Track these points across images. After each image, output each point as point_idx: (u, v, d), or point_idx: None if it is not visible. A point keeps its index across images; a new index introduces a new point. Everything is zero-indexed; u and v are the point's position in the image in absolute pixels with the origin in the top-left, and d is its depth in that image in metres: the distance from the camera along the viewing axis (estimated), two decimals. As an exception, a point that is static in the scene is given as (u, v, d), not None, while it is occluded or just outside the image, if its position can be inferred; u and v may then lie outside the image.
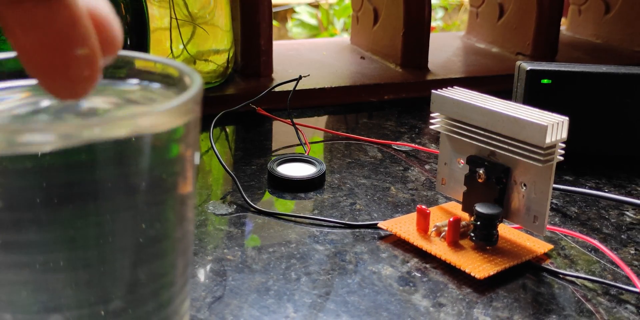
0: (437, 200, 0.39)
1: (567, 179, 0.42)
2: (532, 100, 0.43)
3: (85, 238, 0.18)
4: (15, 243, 0.18)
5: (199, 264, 0.31)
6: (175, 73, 0.21)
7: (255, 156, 0.45)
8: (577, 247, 0.34)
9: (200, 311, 0.28)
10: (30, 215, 0.17)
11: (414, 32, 0.62)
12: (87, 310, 0.19)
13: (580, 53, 0.72)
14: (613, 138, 0.44)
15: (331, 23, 1.63)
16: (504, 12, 0.70)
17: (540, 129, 0.29)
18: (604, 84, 0.43)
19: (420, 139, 0.49)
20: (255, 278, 0.30)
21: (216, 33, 0.54)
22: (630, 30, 0.74)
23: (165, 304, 0.21)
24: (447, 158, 0.35)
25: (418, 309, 0.28)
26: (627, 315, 0.28)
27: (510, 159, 0.31)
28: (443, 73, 0.63)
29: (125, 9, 0.39)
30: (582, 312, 0.28)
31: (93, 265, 0.19)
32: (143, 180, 0.19)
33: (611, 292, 0.30)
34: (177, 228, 0.20)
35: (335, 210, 0.37)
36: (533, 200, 0.31)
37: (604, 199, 0.39)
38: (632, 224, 0.37)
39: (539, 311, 0.28)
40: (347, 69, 0.63)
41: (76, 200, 0.18)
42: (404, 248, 0.33)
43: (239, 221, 0.36)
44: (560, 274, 0.31)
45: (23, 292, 0.19)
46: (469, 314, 0.28)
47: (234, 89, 0.56)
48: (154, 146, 0.18)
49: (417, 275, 0.31)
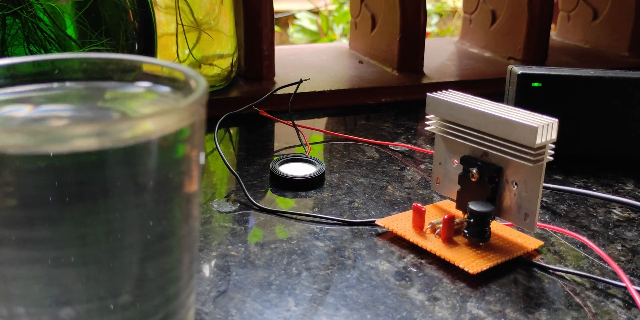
0: (432, 199, 0.39)
1: (557, 178, 0.42)
2: (523, 103, 0.43)
3: (95, 235, 0.18)
4: (29, 240, 0.18)
5: (204, 260, 0.31)
6: (182, 77, 0.21)
7: (257, 156, 0.45)
8: (566, 243, 0.34)
9: (205, 305, 0.28)
10: (43, 213, 0.17)
11: (410, 38, 0.62)
12: (96, 304, 0.19)
13: (569, 58, 0.72)
14: (601, 139, 0.44)
15: (330, 29, 1.63)
16: (496, 19, 0.70)
17: (530, 130, 0.29)
18: (592, 87, 0.43)
19: (416, 139, 0.49)
20: (258, 273, 0.30)
21: (220, 38, 0.54)
22: (617, 35, 0.74)
23: (171, 297, 0.21)
24: (442, 158, 0.35)
25: (414, 302, 0.28)
26: (614, 308, 0.28)
27: (502, 159, 0.31)
28: (438, 77, 0.63)
29: (134, 16, 0.39)
30: (571, 306, 0.28)
31: (103, 260, 0.19)
32: (151, 180, 0.19)
33: (599, 286, 0.30)
34: (183, 225, 0.20)
35: (334, 208, 0.37)
36: (524, 198, 0.31)
37: (592, 198, 0.39)
38: (618, 222, 0.37)
39: (529, 305, 0.28)
40: (346, 72, 0.63)
41: (87, 198, 0.18)
42: (401, 244, 0.33)
43: (242, 218, 0.36)
44: (550, 269, 0.31)
45: (35, 287, 0.19)
46: (463, 307, 0.28)
47: (237, 92, 0.56)
48: (161, 147, 0.18)
49: (413, 271, 0.31)
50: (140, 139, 0.18)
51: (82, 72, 0.22)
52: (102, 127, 0.17)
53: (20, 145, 0.16)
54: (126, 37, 0.38)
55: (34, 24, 0.35)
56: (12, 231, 0.18)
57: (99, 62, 0.22)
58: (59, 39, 0.35)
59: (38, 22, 0.35)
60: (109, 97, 0.23)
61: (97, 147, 0.17)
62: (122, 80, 0.22)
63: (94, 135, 0.17)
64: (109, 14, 0.37)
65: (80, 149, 0.17)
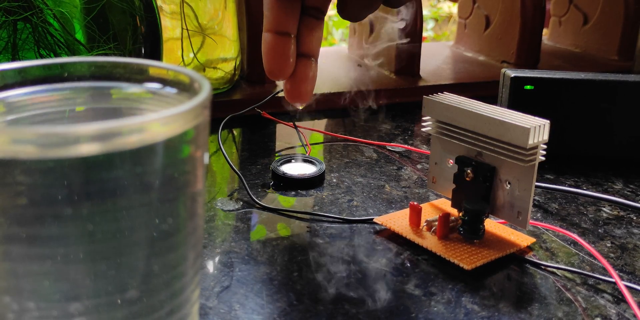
0: (428, 197, 0.39)
1: (549, 177, 0.42)
2: (516, 105, 0.43)
3: (103, 232, 0.18)
4: (39, 237, 0.18)
5: (208, 256, 0.31)
6: (186, 80, 0.21)
7: (260, 156, 0.45)
8: (558, 240, 0.34)
9: (209, 300, 0.28)
10: (53, 211, 0.17)
11: (407, 42, 0.62)
12: (104, 299, 0.19)
13: (560, 61, 0.72)
14: (591, 140, 0.44)
15: (330, 33, 1.63)
16: (490, 24, 0.70)
17: (523, 131, 0.29)
18: (583, 90, 0.43)
19: (413, 140, 0.49)
20: (260, 269, 0.30)
21: (224, 43, 0.54)
22: (606, 40, 0.74)
23: (177, 293, 0.21)
24: (438, 158, 0.35)
25: (411, 297, 0.28)
26: (604, 303, 0.28)
27: (496, 159, 0.31)
28: (434, 80, 0.63)
29: (140, 21, 0.39)
30: (562, 301, 0.28)
31: (110, 257, 0.19)
32: (157, 179, 0.18)
33: (589, 282, 0.30)
34: (188, 223, 0.20)
35: (334, 206, 0.37)
36: (517, 197, 0.31)
37: (583, 196, 0.39)
38: (608, 219, 0.36)
39: (522, 300, 0.28)
40: (345, 75, 0.63)
41: (95, 197, 0.18)
42: (398, 241, 0.33)
43: (245, 216, 0.36)
44: (542, 265, 0.31)
45: (45, 282, 0.19)
46: (458, 302, 0.28)
47: (240, 94, 0.56)
48: (166, 147, 0.18)
49: (409, 267, 0.31)
50: (146, 141, 0.18)
51: (90, 75, 0.22)
52: (109, 130, 0.17)
53: (30, 151, 0.16)
54: (133, 41, 0.38)
55: (44, 28, 0.35)
56: (22, 229, 0.18)
57: (107, 65, 0.22)
58: (68, 43, 0.35)
59: (48, 27, 0.35)
60: (117, 99, 0.23)
61: (104, 150, 0.17)
62: (129, 83, 0.22)
63: (101, 138, 0.17)
64: (116, 19, 0.37)
65: (88, 152, 0.17)
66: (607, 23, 0.73)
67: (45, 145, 0.16)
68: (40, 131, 0.16)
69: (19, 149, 0.16)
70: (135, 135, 0.17)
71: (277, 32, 0.31)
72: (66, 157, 0.17)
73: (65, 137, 0.16)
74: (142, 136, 0.17)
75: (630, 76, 0.43)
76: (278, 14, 0.31)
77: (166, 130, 0.18)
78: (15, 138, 0.16)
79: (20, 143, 0.16)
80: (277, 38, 0.31)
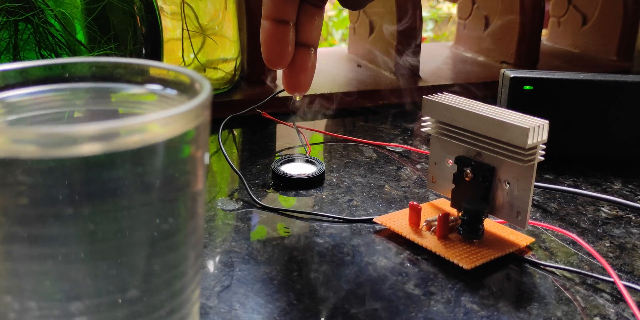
0: (427, 197, 0.39)
1: (548, 177, 0.42)
2: (515, 105, 0.43)
3: (104, 232, 0.18)
4: (40, 237, 0.18)
5: (209, 256, 0.31)
6: (187, 80, 0.21)
7: (260, 156, 0.45)
8: (557, 240, 0.34)
9: (210, 299, 0.28)
10: (54, 211, 0.17)
11: (406, 43, 0.62)
12: (105, 299, 0.19)
13: (559, 62, 0.72)
14: (590, 140, 0.44)
15: (330, 34, 1.63)
16: (489, 24, 0.70)
17: (522, 132, 0.29)
18: (582, 90, 0.43)
19: (412, 140, 0.49)
20: (261, 269, 0.30)
21: (224, 43, 0.54)
22: (605, 40, 0.74)
23: (177, 292, 0.21)
24: (437, 158, 0.35)
25: (410, 297, 0.28)
26: (603, 302, 0.28)
27: (495, 159, 0.31)
28: (433, 80, 0.63)
29: (141, 22, 0.39)
30: (561, 300, 0.28)
31: (111, 257, 0.19)
32: (157, 179, 0.18)
33: (588, 281, 0.30)
34: (188, 223, 0.20)
35: (334, 206, 0.37)
36: (516, 197, 0.31)
37: (581, 196, 0.39)
38: (607, 219, 0.36)
39: (521, 299, 0.28)
40: (345, 76, 0.63)
41: (95, 197, 0.18)
42: (398, 241, 0.33)
43: (245, 216, 0.36)
44: (541, 265, 0.31)
45: (46, 282, 0.19)
46: (457, 301, 0.28)
47: (240, 94, 0.56)
48: (167, 147, 0.18)
49: (409, 266, 0.31)
50: (147, 141, 0.18)
51: (91, 75, 0.22)
52: (110, 130, 0.17)
53: (31, 151, 0.16)
54: (134, 42, 0.38)
55: (45, 29, 0.34)
56: (24, 228, 0.18)
57: (108, 66, 0.22)
58: (69, 43, 0.35)
59: (49, 27, 0.35)
60: (117, 99, 0.23)
61: (105, 150, 0.17)
62: (129, 84, 0.22)
63: (102, 138, 0.17)
64: (117, 20, 0.37)
65: (89, 152, 0.17)
66: (606, 24, 0.73)
67: (46, 145, 0.16)
68: (42, 131, 0.16)
69: (20, 148, 0.16)
70: (136, 135, 0.17)
71: (276, 19, 0.30)
72: (67, 157, 0.17)
73: (67, 137, 0.16)
74: (143, 136, 0.17)
75: (629, 76, 0.43)
76: (277, 1, 0.30)
77: (167, 130, 0.18)
78: (16, 138, 0.16)
79: (21, 143, 0.16)
80: (275, 26, 0.30)
